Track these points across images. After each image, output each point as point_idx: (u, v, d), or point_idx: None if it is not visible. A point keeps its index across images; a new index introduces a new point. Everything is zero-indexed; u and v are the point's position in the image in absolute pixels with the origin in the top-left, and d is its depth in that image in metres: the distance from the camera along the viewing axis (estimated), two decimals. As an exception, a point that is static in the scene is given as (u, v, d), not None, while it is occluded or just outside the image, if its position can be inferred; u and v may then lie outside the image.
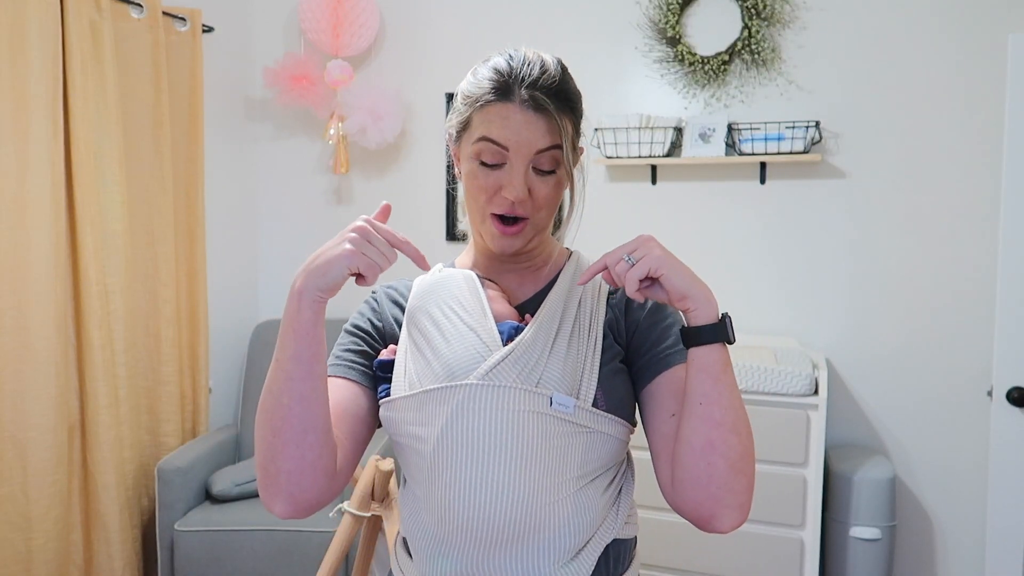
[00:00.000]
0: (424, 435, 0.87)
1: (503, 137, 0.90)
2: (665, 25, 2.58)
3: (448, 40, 2.91)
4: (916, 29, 2.39)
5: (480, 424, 0.84)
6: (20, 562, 2.14)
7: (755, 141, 2.47)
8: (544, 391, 0.86)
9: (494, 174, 0.91)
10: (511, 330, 0.91)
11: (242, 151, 3.12)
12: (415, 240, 0.91)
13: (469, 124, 0.94)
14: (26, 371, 2.14)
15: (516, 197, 0.90)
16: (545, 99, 0.90)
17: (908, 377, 2.46)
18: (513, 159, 0.90)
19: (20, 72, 2.11)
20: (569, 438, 0.86)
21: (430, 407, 0.87)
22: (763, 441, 2.16)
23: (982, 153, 2.35)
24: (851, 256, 2.50)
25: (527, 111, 0.89)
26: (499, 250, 0.95)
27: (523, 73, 0.90)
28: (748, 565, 2.19)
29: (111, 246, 2.38)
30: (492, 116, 0.90)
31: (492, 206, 0.93)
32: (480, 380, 0.86)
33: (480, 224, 0.96)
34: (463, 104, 0.95)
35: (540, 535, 0.84)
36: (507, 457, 0.83)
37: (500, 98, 0.90)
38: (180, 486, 2.38)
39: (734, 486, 0.84)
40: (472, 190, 0.94)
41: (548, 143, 0.90)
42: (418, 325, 0.94)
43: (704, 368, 0.83)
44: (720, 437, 0.83)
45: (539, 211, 0.94)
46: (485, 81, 0.92)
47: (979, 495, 2.38)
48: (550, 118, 0.90)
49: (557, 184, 0.94)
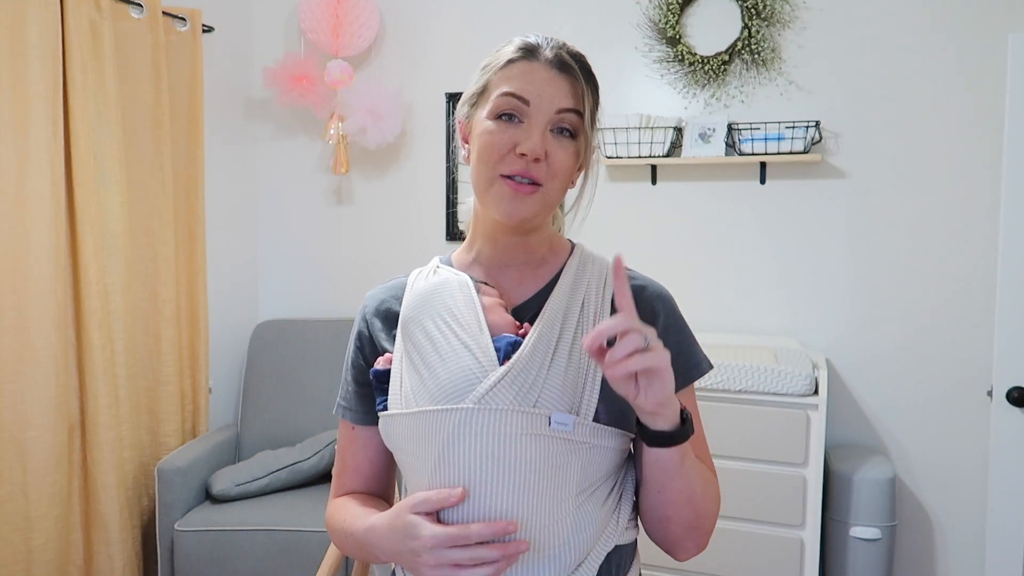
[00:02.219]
0: (421, 455, 0.86)
1: (525, 91, 0.87)
2: (665, 25, 2.58)
3: (448, 40, 2.91)
4: (916, 29, 2.39)
5: (476, 450, 0.82)
6: (20, 562, 2.14)
7: (755, 141, 2.47)
8: (543, 411, 0.83)
9: (510, 131, 0.88)
10: (508, 346, 0.87)
11: (242, 151, 3.12)
12: (415, 239, 0.90)
13: (487, 89, 0.91)
14: (26, 371, 2.14)
15: (532, 151, 0.86)
16: (570, 60, 0.89)
17: (908, 377, 2.46)
18: (533, 114, 0.88)
19: (20, 72, 2.11)
20: (568, 455, 0.84)
21: (425, 429, 0.85)
22: (763, 441, 2.16)
23: (982, 153, 2.35)
24: (851, 256, 2.50)
25: (551, 69, 0.89)
26: (506, 215, 0.89)
27: (550, 40, 0.91)
28: (748, 565, 2.19)
29: (111, 246, 2.38)
30: (515, 72, 0.89)
31: (504, 165, 0.88)
32: (475, 404, 0.83)
33: (487, 190, 0.90)
34: (481, 74, 0.93)
35: (540, 555, 0.83)
36: (505, 483, 0.82)
37: (525, 56, 0.90)
38: (180, 486, 2.38)
39: (688, 544, 0.91)
40: (484, 150, 0.89)
41: (570, 104, 0.88)
42: (412, 338, 0.91)
43: (663, 464, 0.83)
44: (676, 513, 0.87)
45: (553, 179, 0.89)
46: (509, 48, 0.92)
47: (979, 495, 2.38)
48: (574, 80, 0.89)
49: (575, 153, 0.91)
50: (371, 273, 3.05)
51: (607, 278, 0.96)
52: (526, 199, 0.88)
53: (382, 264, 3.04)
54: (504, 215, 0.89)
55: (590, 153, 0.94)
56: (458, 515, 0.83)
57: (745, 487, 2.18)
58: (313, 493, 2.51)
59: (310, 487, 2.57)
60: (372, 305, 1.01)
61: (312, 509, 2.37)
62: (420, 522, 0.80)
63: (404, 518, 0.81)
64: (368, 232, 3.08)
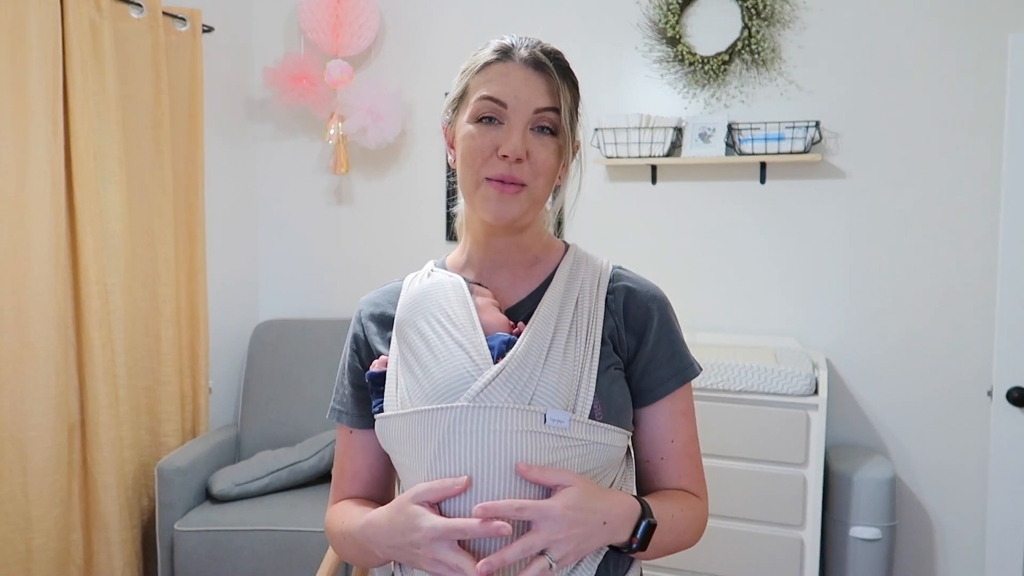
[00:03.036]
0: (417, 455, 0.86)
1: (502, 93, 0.89)
2: (665, 25, 2.58)
3: (448, 40, 2.91)
4: (916, 29, 2.39)
5: (472, 448, 0.82)
6: (20, 562, 2.14)
7: (755, 141, 2.47)
8: (538, 408, 0.84)
9: (491, 133, 0.89)
10: (502, 345, 0.87)
11: (242, 151, 3.12)
12: (415, 239, 0.90)
13: (466, 93, 0.92)
14: (26, 371, 2.14)
15: (513, 152, 0.87)
16: (544, 58, 0.90)
17: (908, 377, 2.46)
18: (512, 116, 0.89)
19: (20, 72, 2.11)
20: (564, 452, 0.84)
21: (421, 429, 0.85)
22: (763, 441, 2.16)
23: (982, 153, 2.35)
24: (851, 256, 2.50)
25: (527, 68, 0.89)
26: (494, 217, 0.90)
27: (524, 40, 0.92)
28: (748, 565, 2.19)
29: (111, 246, 2.38)
30: (492, 75, 0.90)
31: (487, 168, 0.89)
32: (470, 402, 0.83)
33: (474, 193, 0.91)
34: (460, 78, 0.94)
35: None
36: (501, 480, 0.82)
37: (500, 58, 0.90)
38: (180, 486, 2.38)
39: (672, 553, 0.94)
40: (467, 155, 0.90)
41: (548, 103, 0.89)
42: (407, 340, 0.92)
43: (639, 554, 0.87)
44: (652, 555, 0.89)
45: (537, 177, 0.90)
46: (485, 51, 0.92)
47: (979, 495, 2.38)
48: (550, 79, 0.90)
49: (557, 151, 0.92)
50: (371, 273, 3.05)
51: (600, 278, 0.97)
52: (512, 199, 0.90)
53: (382, 264, 3.04)
54: (492, 216, 0.90)
55: (573, 148, 0.95)
56: (456, 512, 0.83)
57: (745, 487, 2.18)
58: (313, 493, 2.51)
59: (310, 487, 2.57)
60: (367, 309, 1.01)
61: (312, 509, 2.37)
62: (422, 512, 0.80)
63: (406, 509, 0.82)
64: (368, 232, 3.08)
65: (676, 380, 0.94)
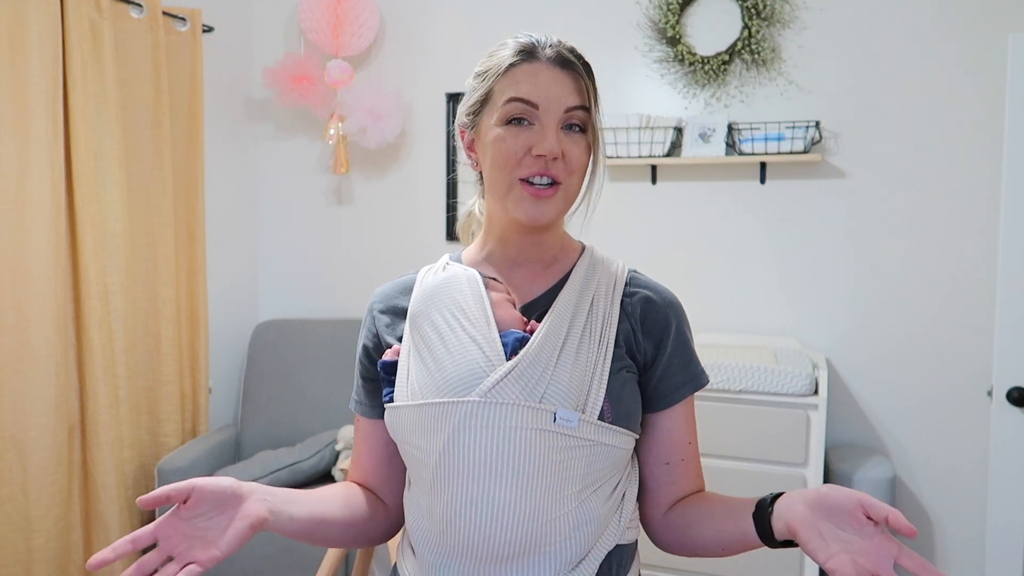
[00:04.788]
0: (426, 447, 0.86)
1: (532, 94, 0.88)
2: (665, 25, 2.58)
3: (448, 40, 2.91)
4: (916, 29, 2.39)
5: (481, 443, 0.83)
6: (20, 562, 2.14)
7: (755, 141, 2.47)
8: (548, 407, 0.84)
9: (523, 135, 0.88)
10: (515, 341, 0.87)
11: (242, 151, 3.12)
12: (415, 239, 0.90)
13: (490, 96, 0.91)
14: (26, 371, 2.14)
15: (549, 151, 0.87)
16: (571, 56, 0.90)
17: (908, 377, 2.46)
18: (543, 116, 0.88)
19: (20, 72, 2.11)
20: (572, 451, 0.85)
21: (431, 421, 0.86)
22: (763, 441, 2.16)
23: (982, 153, 2.35)
24: (851, 256, 2.50)
25: (554, 67, 0.89)
26: (530, 219, 0.90)
27: (545, 39, 0.91)
28: (748, 565, 2.18)
29: (111, 246, 2.38)
30: (519, 76, 0.89)
31: (521, 169, 0.89)
32: (481, 397, 0.84)
33: (506, 195, 0.90)
34: (480, 81, 0.93)
35: (541, 550, 0.84)
36: (508, 476, 0.82)
37: (526, 58, 0.90)
38: (180, 486, 2.37)
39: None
40: (499, 157, 0.89)
41: (577, 102, 0.89)
42: (421, 332, 0.92)
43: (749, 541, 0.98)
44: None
45: (571, 175, 0.90)
46: (506, 51, 0.91)
47: (979, 495, 2.38)
48: (577, 77, 0.90)
49: (587, 148, 0.92)
50: (371, 273, 3.05)
51: (617, 281, 0.96)
52: (548, 201, 0.90)
53: (382, 264, 3.04)
54: (527, 217, 0.90)
55: (600, 145, 0.95)
56: (459, 509, 0.83)
57: (745, 487, 2.17)
58: (313, 493, 2.51)
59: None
60: (380, 300, 1.02)
61: (312, 509, 2.37)
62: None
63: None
64: (368, 232, 3.08)
65: (691, 386, 0.96)
